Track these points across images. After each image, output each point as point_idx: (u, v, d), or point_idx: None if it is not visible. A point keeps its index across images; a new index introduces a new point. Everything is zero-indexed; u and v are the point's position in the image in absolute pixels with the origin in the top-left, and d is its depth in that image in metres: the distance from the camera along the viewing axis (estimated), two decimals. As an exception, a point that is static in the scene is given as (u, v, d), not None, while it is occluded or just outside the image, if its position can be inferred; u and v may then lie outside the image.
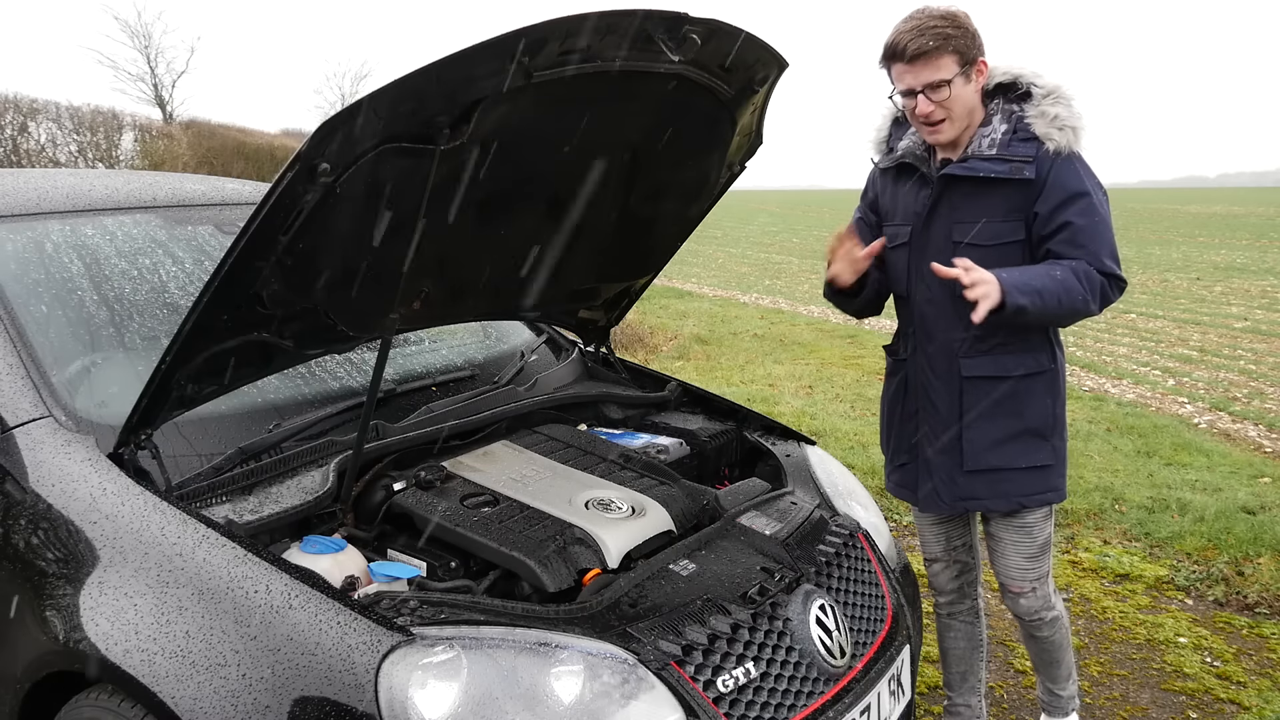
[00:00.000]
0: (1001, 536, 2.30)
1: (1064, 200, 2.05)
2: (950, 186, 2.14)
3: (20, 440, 1.74)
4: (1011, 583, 2.32)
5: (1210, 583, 3.65)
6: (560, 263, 2.34)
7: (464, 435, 2.19)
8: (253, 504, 1.75)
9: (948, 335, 2.19)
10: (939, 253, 2.13)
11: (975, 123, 2.13)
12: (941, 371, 2.22)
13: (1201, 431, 6.04)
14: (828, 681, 1.76)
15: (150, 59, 28.27)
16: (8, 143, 15.03)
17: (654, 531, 1.91)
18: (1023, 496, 2.22)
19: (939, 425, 2.23)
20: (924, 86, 2.03)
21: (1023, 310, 1.96)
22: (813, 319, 11.47)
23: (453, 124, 1.61)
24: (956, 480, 2.24)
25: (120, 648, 1.48)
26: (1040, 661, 2.48)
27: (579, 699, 1.47)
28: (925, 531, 2.45)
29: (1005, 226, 2.10)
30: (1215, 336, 9.73)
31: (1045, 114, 2.07)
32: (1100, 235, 2.05)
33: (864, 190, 2.42)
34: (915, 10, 2.07)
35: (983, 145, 2.10)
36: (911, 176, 2.23)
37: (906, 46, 2.02)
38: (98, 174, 2.75)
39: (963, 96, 2.06)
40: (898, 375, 2.36)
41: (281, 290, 1.69)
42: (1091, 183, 2.08)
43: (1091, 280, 2.03)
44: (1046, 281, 1.99)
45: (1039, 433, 2.20)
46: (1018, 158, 2.06)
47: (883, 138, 2.34)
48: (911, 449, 2.33)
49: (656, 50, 1.77)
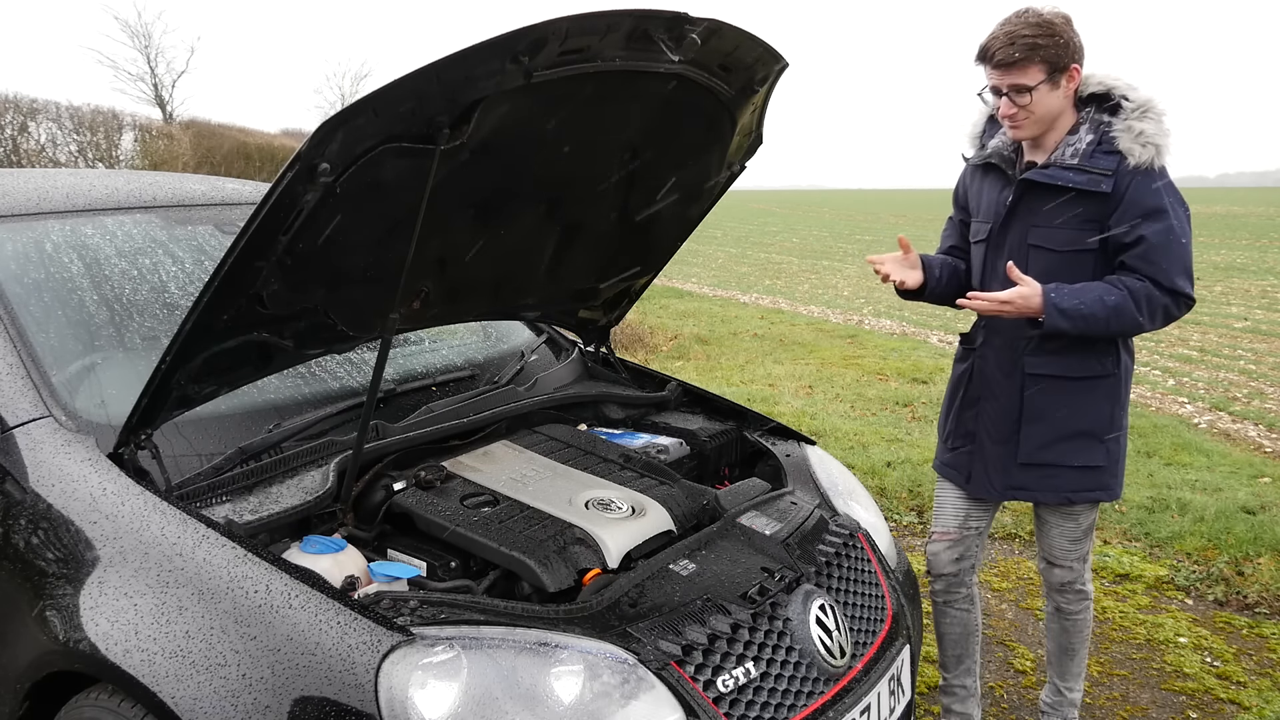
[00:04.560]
0: (1048, 519, 2.40)
1: (1141, 216, 2.10)
2: (1029, 191, 2.21)
3: (20, 440, 1.74)
4: (1054, 558, 2.42)
5: (1210, 583, 3.65)
6: (560, 263, 2.34)
7: (464, 435, 2.19)
8: (253, 504, 1.75)
9: (1015, 332, 2.26)
10: (1014, 253, 2.23)
11: (1063, 126, 2.18)
12: (1006, 366, 2.30)
13: (1201, 431, 6.04)
14: (828, 681, 1.76)
15: (150, 59, 28.29)
16: (8, 143, 15.02)
17: (654, 531, 1.91)
18: (1071, 492, 2.29)
19: (999, 416, 2.32)
20: (1008, 88, 2.12)
21: (1061, 331, 2.10)
22: (813, 319, 11.47)
23: (453, 124, 1.61)
24: (1010, 470, 2.32)
25: (120, 648, 1.48)
26: (1057, 649, 2.52)
27: (579, 699, 1.47)
28: (947, 505, 2.49)
29: (1077, 235, 2.17)
30: (1215, 336, 9.73)
31: (1132, 129, 2.11)
32: (1174, 253, 2.10)
33: (955, 187, 2.50)
34: (1014, 13, 2.13)
35: (1066, 154, 2.16)
36: (997, 175, 2.32)
37: (995, 54, 2.10)
38: (98, 174, 2.75)
39: (1046, 101, 2.12)
40: (966, 362, 2.43)
41: (281, 290, 1.69)
42: (1171, 199, 2.12)
43: (1152, 301, 2.10)
44: (1096, 309, 2.09)
45: (1094, 434, 2.26)
46: (1097, 170, 2.11)
47: (977, 133, 2.40)
48: (969, 434, 2.40)
49: (656, 50, 1.77)
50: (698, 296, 13.87)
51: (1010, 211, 2.24)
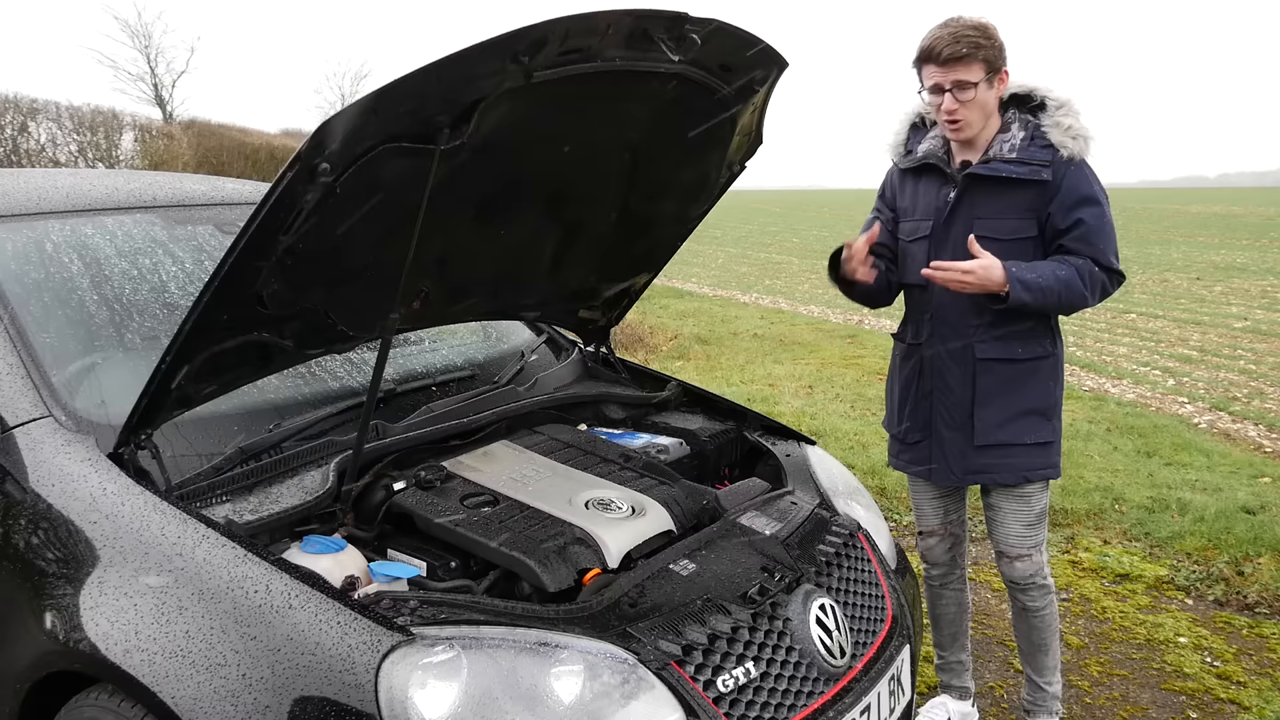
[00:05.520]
0: (1002, 506, 2.48)
1: (1077, 202, 2.27)
2: (973, 185, 2.34)
3: (20, 440, 1.74)
4: (1009, 549, 2.49)
5: (1210, 583, 3.65)
6: (560, 263, 2.34)
7: (464, 435, 2.19)
8: (253, 504, 1.75)
9: (963, 321, 2.38)
10: (958, 246, 2.32)
11: (992, 127, 2.34)
12: (957, 355, 2.40)
13: (1201, 431, 6.04)
14: (828, 681, 1.76)
15: (150, 59, 28.29)
16: (8, 143, 15.01)
17: (654, 531, 1.91)
18: (1028, 471, 2.41)
19: (953, 404, 2.42)
20: (952, 85, 2.23)
21: (1024, 304, 2.24)
22: (813, 319, 11.47)
23: (453, 124, 1.61)
24: (967, 455, 2.42)
25: (120, 647, 1.48)
26: (1028, 646, 2.57)
27: (579, 699, 1.47)
28: (925, 506, 2.62)
29: (1020, 223, 2.32)
30: (1215, 336, 9.73)
31: (1060, 124, 2.29)
32: (1107, 235, 2.29)
33: (880, 190, 2.62)
34: (950, 18, 2.29)
35: (1003, 149, 2.31)
36: (932, 176, 2.44)
37: (941, 51, 2.22)
38: (98, 174, 2.75)
39: (984, 100, 2.27)
40: (911, 359, 2.51)
41: (281, 290, 1.69)
42: (1098, 188, 2.31)
43: (1093, 277, 2.27)
44: (1051, 281, 2.24)
45: (1042, 412, 2.40)
46: (1036, 161, 2.27)
47: (900, 141, 2.55)
48: (925, 425, 2.49)
49: (656, 50, 1.77)
50: (698, 296, 13.87)
51: (954, 206, 2.36)
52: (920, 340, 2.47)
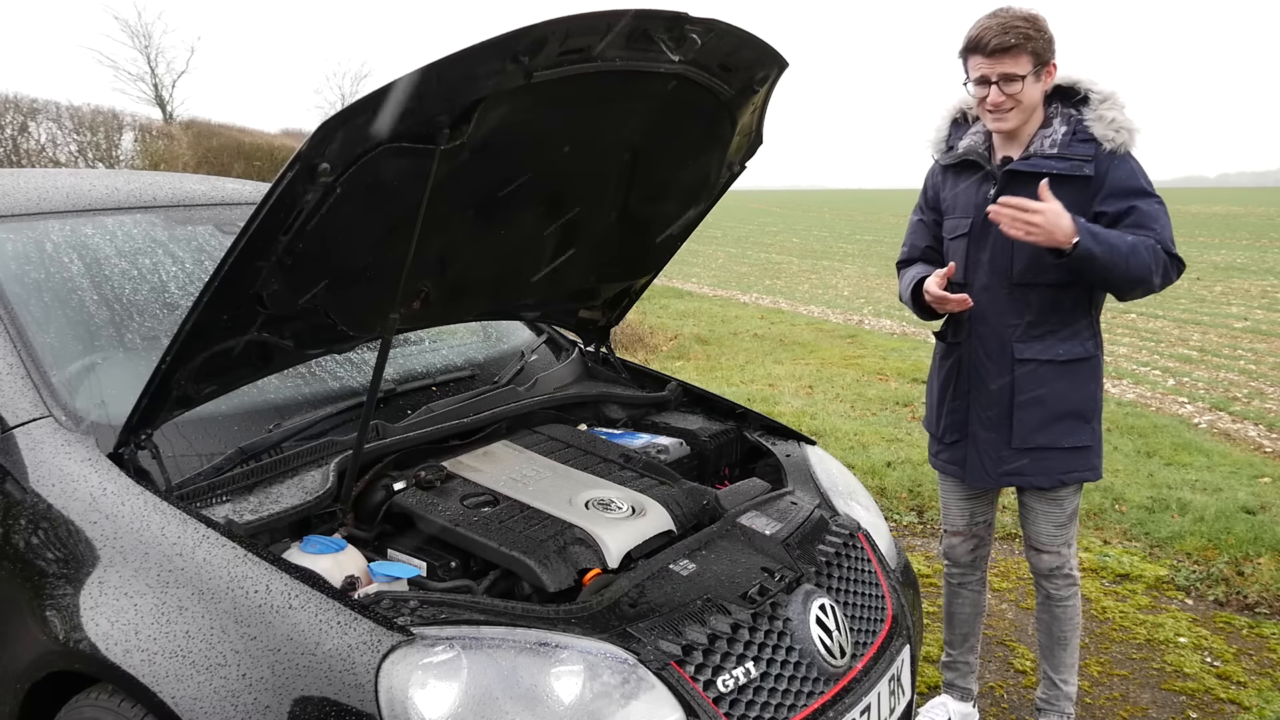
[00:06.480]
0: (1034, 506, 2.46)
1: (1127, 193, 2.21)
2: (1013, 181, 2.28)
3: (20, 440, 1.74)
4: (1039, 544, 2.47)
5: (1210, 583, 3.65)
6: (560, 262, 2.34)
7: (464, 435, 2.19)
8: (253, 504, 1.75)
9: (1002, 321, 2.34)
10: (998, 243, 2.29)
11: (1035, 121, 2.29)
12: (995, 355, 2.36)
13: (1201, 431, 6.04)
14: (828, 681, 1.76)
15: (150, 59, 28.23)
16: (8, 143, 15.01)
17: (654, 531, 1.91)
18: (1063, 474, 2.37)
19: (990, 404, 2.39)
20: (999, 77, 2.18)
21: (1091, 257, 2.10)
22: (813, 319, 11.47)
23: (453, 124, 1.61)
24: (1003, 456, 2.39)
25: (120, 647, 1.48)
26: (1048, 640, 2.55)
27: (579, 699, 1.47)
28: (952, 506, 2.59)
29: None
30: (1215, 336, 9.73)
31: (1103, 118, 2.23)
32: (1163, 223, 2.21)
33: (923, 189, 2.57)
34: (1000, 8, 2.22)
35: (1044, 145, 2.26)
36: (972, 173, 2.40)
37: (989, 41, 2.17)
38: (98, 174, 2.75)
39: (1031, 93, 2.21)
40: (950, 358, 2.48)
41: (281, 290, 1.69)
42: (1145, 180, 2.24)
43: (1158, 255, 2.17)
44: (1119, 242, 2.13)
45: (1082, 415, 2.35)
46: (1077, 156, 2.22)
47: (942, 137, 2.50)
48: (961, 426, 2.46)
49: (656, 50, 1.77)
50: (698, 296, 13.87)
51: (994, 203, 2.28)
52: (960, 339, 2.43)
